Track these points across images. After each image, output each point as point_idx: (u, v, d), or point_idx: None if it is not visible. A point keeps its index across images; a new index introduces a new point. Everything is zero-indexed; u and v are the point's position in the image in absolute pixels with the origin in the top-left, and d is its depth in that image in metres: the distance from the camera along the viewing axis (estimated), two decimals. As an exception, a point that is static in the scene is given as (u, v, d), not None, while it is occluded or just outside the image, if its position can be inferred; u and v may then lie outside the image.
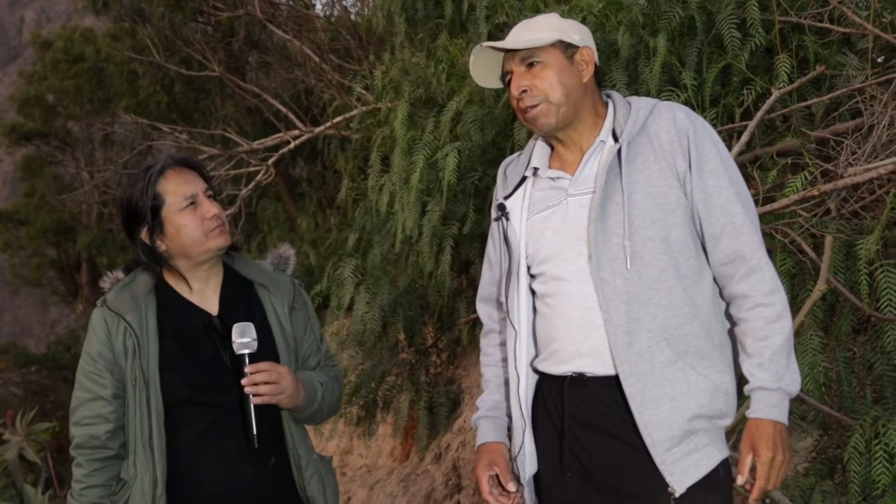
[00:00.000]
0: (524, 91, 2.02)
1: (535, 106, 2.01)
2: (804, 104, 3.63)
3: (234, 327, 2.15)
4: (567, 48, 2.02)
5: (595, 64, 2.06)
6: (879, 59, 3.63)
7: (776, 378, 1.86)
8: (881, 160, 3.16)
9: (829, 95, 3.55)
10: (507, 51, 2.05)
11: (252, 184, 7.91)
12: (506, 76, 2.08)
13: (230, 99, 11.60)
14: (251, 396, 2.12)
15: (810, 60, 3.67)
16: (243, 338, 2.14)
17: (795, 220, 3.29)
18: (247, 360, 2.13)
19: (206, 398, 2.18)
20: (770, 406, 1.86)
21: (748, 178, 3.53)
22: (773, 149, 3.64)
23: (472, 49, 2.10)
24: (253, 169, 7.95)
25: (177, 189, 2.20)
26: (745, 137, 3.51)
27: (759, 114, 3.55)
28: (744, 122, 3.66)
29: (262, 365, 2.14)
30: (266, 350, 2.20)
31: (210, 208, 2.21)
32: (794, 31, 3.74)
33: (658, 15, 3.97)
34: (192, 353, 2.20)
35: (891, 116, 3.25)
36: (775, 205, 3.26)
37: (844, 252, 3.19)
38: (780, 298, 1.91)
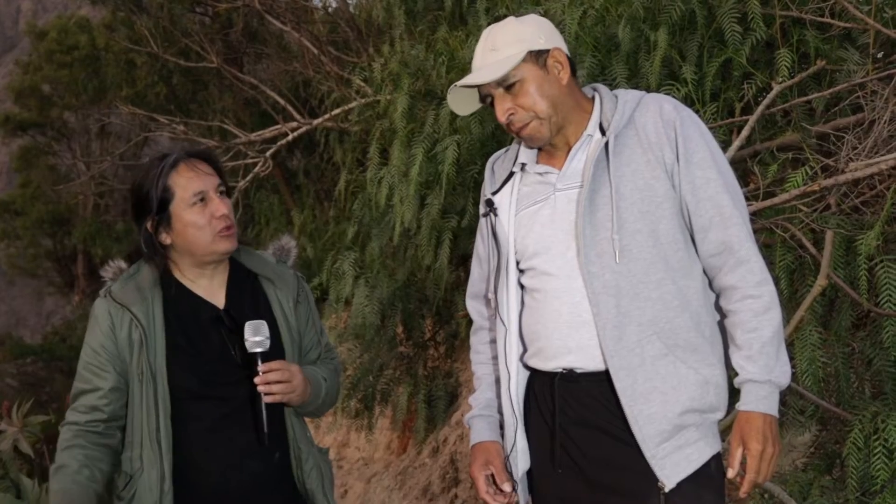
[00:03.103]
0: (511, 114, 1.99)
1: (527, 125, 1.99)
2: (805, 99, 3.62)
3: (246, 325, 2.12)
4: (538, 56, 1.98)
5: (569, 59, 2.02)
6: (880, 55, 3.62)
7: (766, 370, 1.86)
8: (882, 155, 3.15)
9: (830, 90, 3.54)
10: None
11: (250, 176, 7.90)
12: (486, 98, 2.04)
13: (228, 90, 11.57)
14: (263, 395, 2.10)
15: (811, 55, 3.66)
16: (256, 336, 2.11)
17: (796, 215, 3.29)
18: (259, 359, 2.11)
19: (214, 392, 2.16)
20: (760, 399, 1.86)
21: (748, 173, 3.54)
22: (773, 143, 3.64)
23: (448, 89, 2.06)
24: (250, 161, 7.93)
25: (187, 184, 2.15)
26: (745, 132, 3.51)
27: (760, 108, 3.54)
28: (744, 117, 3.65)
29: (275, 364, 2.12)
30: (272, 345, 2.17)
31: (219, 207, 2.16)
32: (795, 26, 3.73)
33: (659, 8, 3.96)
34: (199, 347, 2.17)
35: (892, 112, 3.24)
36: (776, 199, 3.25)
37: (844, 247, 3.19)
38: (769, 290, 1.91)
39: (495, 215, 2.08)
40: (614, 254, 1.90)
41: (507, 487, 2.06)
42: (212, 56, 9.55)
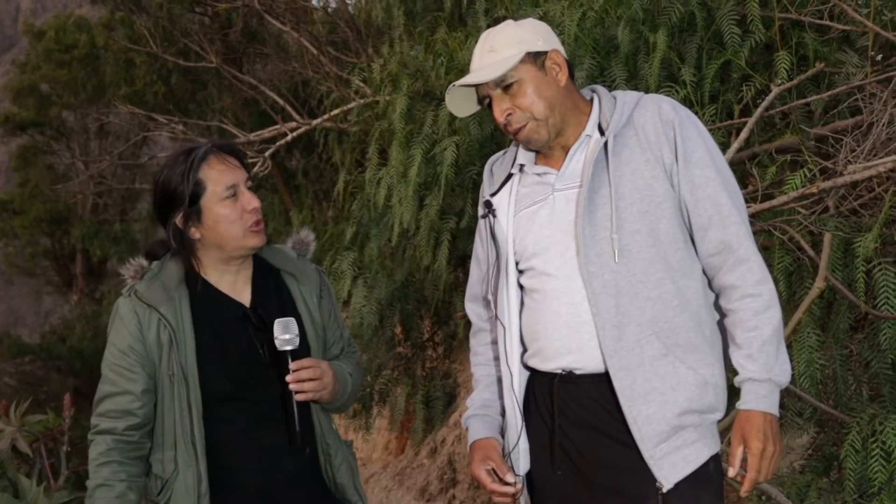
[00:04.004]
0: (509, 115, 1.99)
1: (524, 126, 1.99)
2: (803, 101, 3.63)
3: (276, 323, 2.10)
4: (536, 58, 1.99)
5: (567, 62, 2.04)
6: (879, 57, 3.62)
7: (766, 369, 1.86)
8: (880, 158, 3.16)
9: (829, 93, 3.54)
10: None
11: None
12: (484, 100, 2.04)
13: (227, 90, 11.56)
14: (294, 393, 2.08)
15: (810, 57, 3.67)
16: (286, 334, 2.09)
17: (794, 218, 3.29)
18: (289, 358, 2.09)
19: (246, 393, 2.13)
20: (760, 397, 1.86)
21: (747, 175, 3.54)
22: (772, 145, 3.64)
23: (447, 90, 2.06)
24: (249, 161, 7.91)
25: (219, 177, 2.11)
26: (744, 134, 3.51)
27: (759, 110, 3.55)
28: (743, 119, 3.65)
29: (306, 362, 2.10)
30: (299, 341, 2.15)
31: (251, 201, 2.13)
32: (794, 28, 3.74)
33: (658, 10, 3.97)
34: (229, 347, 2.14)
35: (890, 114, 3.24)
36: (774, 202, 3.26)
37: (842, 250, 3.19)
38: (769, 289, 1.91)
39: (494, 216, 2.08)
40: (613, 253, 1.90)
41: (510, 478, 2.05)
42: (211, 56, 9.54)
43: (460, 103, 2.09)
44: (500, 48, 1.99)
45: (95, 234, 18.15)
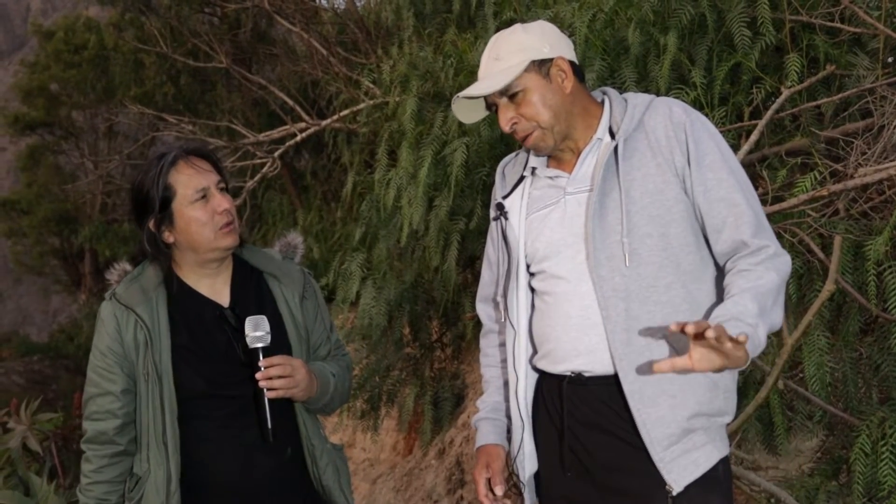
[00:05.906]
0: (514, 123, 2.00)
1: (531, 133, 2.00)
2: (814, 104, 3.62)
3: (247, 320, 2.13)
4: (541, 65, 1.98)
5: (574, 67, 2.02)
6: (890, 60, 3.62)
7: (759, 314, 1.75)
8: (891, 161, 3.16)
9: (839, 95, 3.54)
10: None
11: (258, 176, 7.91)
12: (492, 106, 2.05)
13: (236, 91, 11.60)
14: (266, 390, 2.10)
15: (820, 60, 3.67)
16: (257, 331, 2.12)
17: (804, 220, 3.29)
18: (261, 354, 2.11)
19: (221, 391, 2.16)
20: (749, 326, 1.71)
21: (757, 178, 3.54)
22: (782, 148, 3.64)
23: (453, 100, 2.07)
24: (258, 161, 7.95)
25: (189, 181, 2.16)
26: (754, 136, 3.51)
27: (769, 113, 3.55)
28: (753, 122, 3.65)
29: (276, 359, 2.12)
30: (278, 341, 2.17)
31: (221, 202, 2.17)
32: (805, 31, 3.74)
33: (668, 12, 3.97)
34: (205, 346, 2.17)
35: (901, 117, 3.24)
36: (784, 204, 3.26)
37: (853, 253, 3.19)
38: (783, 260, 1.85)
39: (506, 219, 2.09)
40: (624, 257, 1.90)
41: (498, 491, 2.07)
42: (220, 56, 9.57)
43: (468, 110, 2.10)
44: (505, 56, 1.98)
45: (104, 233, 18.21)
